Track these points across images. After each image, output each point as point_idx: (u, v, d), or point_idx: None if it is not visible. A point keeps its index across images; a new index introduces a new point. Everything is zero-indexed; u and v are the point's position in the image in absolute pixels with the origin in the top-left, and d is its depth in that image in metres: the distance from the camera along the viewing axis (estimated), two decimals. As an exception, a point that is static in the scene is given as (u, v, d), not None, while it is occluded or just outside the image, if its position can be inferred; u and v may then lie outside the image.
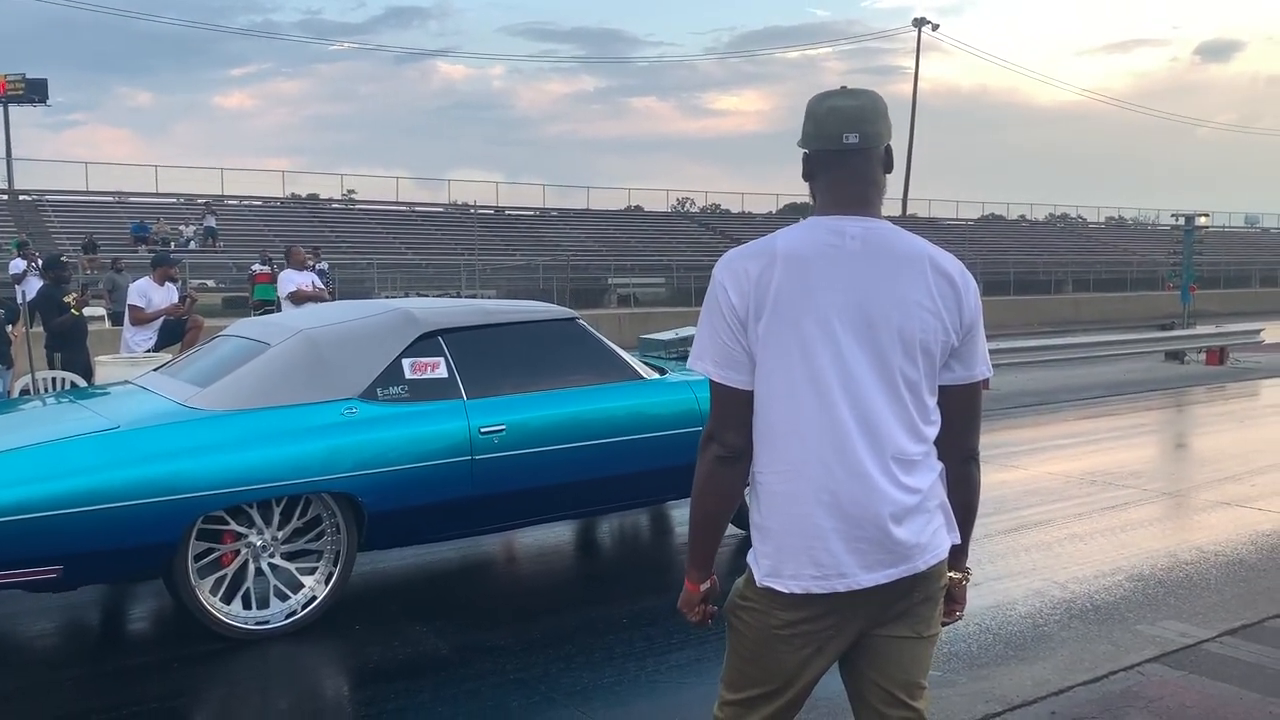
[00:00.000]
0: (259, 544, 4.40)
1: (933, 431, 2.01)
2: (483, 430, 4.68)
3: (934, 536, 2.00)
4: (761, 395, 1.98)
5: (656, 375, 5.34)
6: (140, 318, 9.18)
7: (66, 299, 9.10)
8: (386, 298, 10.48)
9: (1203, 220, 19.47)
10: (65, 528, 3.86)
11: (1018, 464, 8.16)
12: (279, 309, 11.22)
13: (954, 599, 2.20)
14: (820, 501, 1.94)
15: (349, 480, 4.38)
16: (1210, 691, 3.86)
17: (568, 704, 3.77)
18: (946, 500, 2.06)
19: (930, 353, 1.96)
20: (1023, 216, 56.37)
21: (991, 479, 7.54)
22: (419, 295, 29.78)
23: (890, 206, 51.39)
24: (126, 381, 5.46)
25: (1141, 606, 4.81)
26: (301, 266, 11.11)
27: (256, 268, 21.63)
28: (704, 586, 2.12)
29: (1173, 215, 20.81)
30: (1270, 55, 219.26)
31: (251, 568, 4.40)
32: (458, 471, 4.61)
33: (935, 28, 51.86)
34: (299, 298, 10.59)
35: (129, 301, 9.31)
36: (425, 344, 4.78)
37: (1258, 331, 16.52)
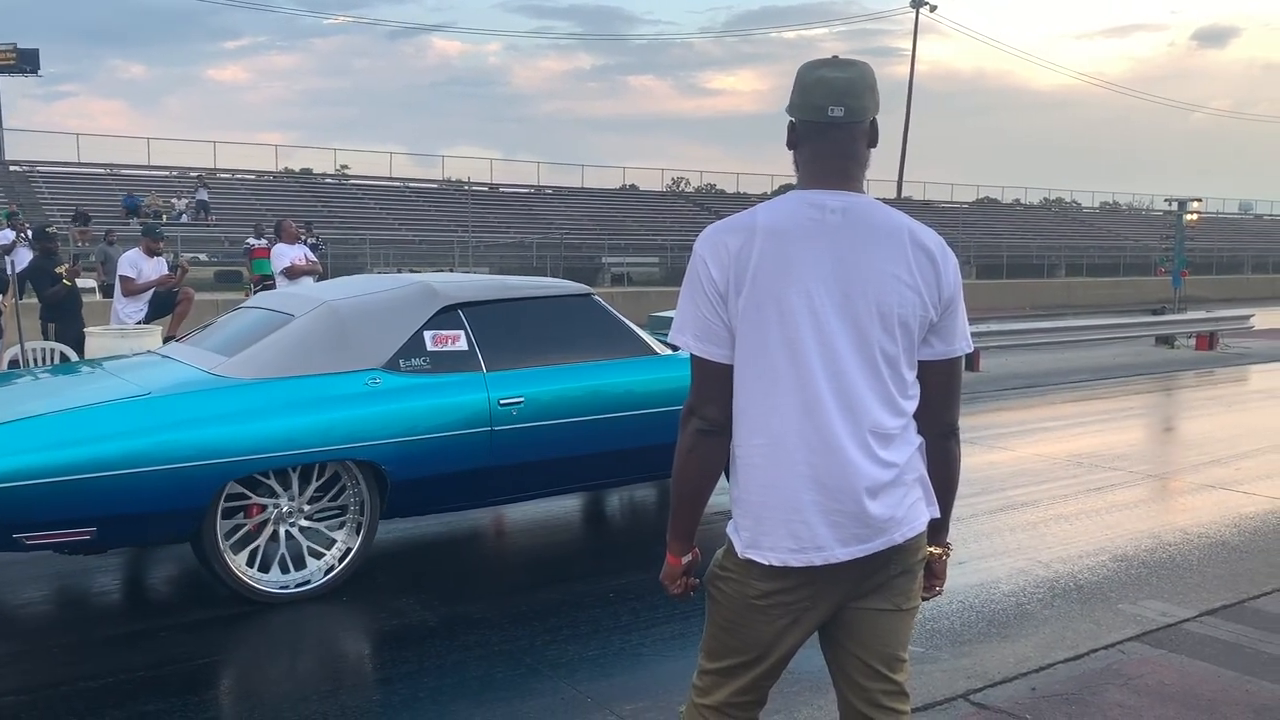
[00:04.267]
0: (284, 510, 4.50)
1: (911, 406, 2.02)
2: (502, 402, 4.78)
3: (911, 510, 2.02)
4: (741, 369, 1.99)
5: (670, 351, 5.36)
6: (131, 289, 9.16)
7: (59, 269, 9.08)
8: (379, 274, 10.51)
9: (1195, 206, 19.48)
10: (99, 491, 3.96)
11: (1006, 445, 8.20)
12: (275, 284, 11.21)
13: (934, 574, 2.22)
14: (798, 475, 1.95)
15: (373, 449, 4.49)
16: (1189, 670, 3.91)
17: (552, 675, 3.80)
18: (925, 474, 2.07)
19: (909, 327, 1.97)
20: (1017, 200, 56.36)
21: (979, 460, 7.58)
22: (412, 271, 29.74)
23: (885, 188, 51.41)
24: (149, 351, 5.52)
25: (1124, 586, 4.86)
26: (293, 240, 11.08)
27: (252, 242, 21.52)
28: (686, 559, 2.14)
29: (1166, 200, 20.86)
30: (1267, 42, 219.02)
31: (280, 532, 4.50)
32: (477, 442, 4.72)
33: (933, 9, 51.67)
34: (293, 272, 10.58)
35: (120, 273, 9.29)
36: (446, 317, 4.89)
37: (1248, 317, 16.58)
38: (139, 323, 9.04)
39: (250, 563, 4.43)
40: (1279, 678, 3.84)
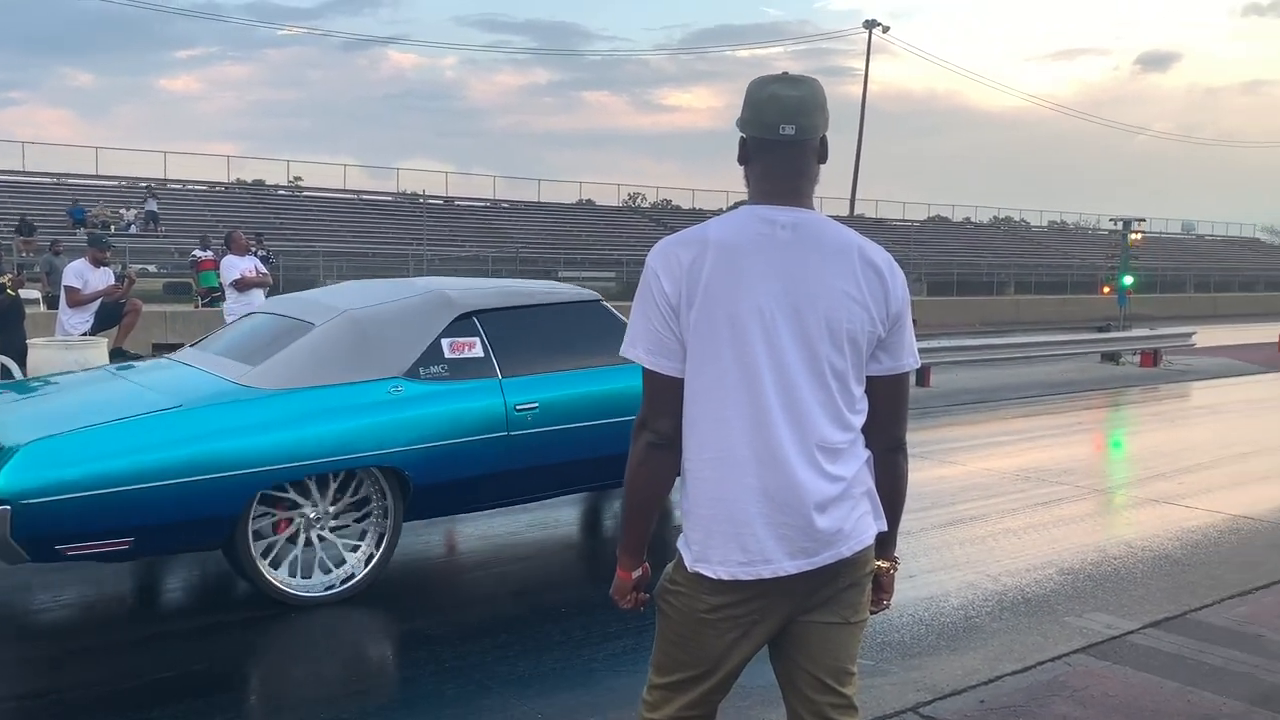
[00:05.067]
0: (312, 516, 4.58)
1: (859, 420, 2.04)
2: (517, 407, 4.89)
3: (859, 523, 2.03)
4: (692, 382, 1.99)
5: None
6: (77, 299, 8.99)
7: (1, 280, 8.88)
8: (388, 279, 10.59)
9: (1139, 226, 19.89)
10: (137, 502, 4.04)
11: (956, 460, 8.30)
12: (224, 296, 11.04)
13: (881, 587, 2.24)
14: (747, 488, 1.96)
15: (396, 455, 4.60)
16: (1132, 681, 3.97)
17: (503, 691, 3.76)
18: (873, 488, 2.09)
19: (857, 343, 1.99)
20: (968, 219, 57.27)
21: (930, 474, 7.66)
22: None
23: (838, 206, 51.94)
24: (165, 357, 5.64)
25: (1070, 599, 4.93)
26: (243, 252, 10.93)
27: (199, 253, 21.19)
28: (636, 574, 2.14)
29: (1111, 220, 21.31)
30: (1206, 67, 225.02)
31: (313, 538, 4.61)
32: (495, 446, 4.84)
33: (886, 30, 52.48)
34: (244, 284, 10.43)
35: (65, 283, 9.11)
36: (462, 324, 4.99)
37: (1190, 335, 16.95)
38: (84, 334, 8.86)
39: (277, 567, 4.51)
40: (1219, 688, 3.91)
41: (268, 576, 4.44)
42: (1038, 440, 9.48)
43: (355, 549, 4.69)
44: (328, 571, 4.63)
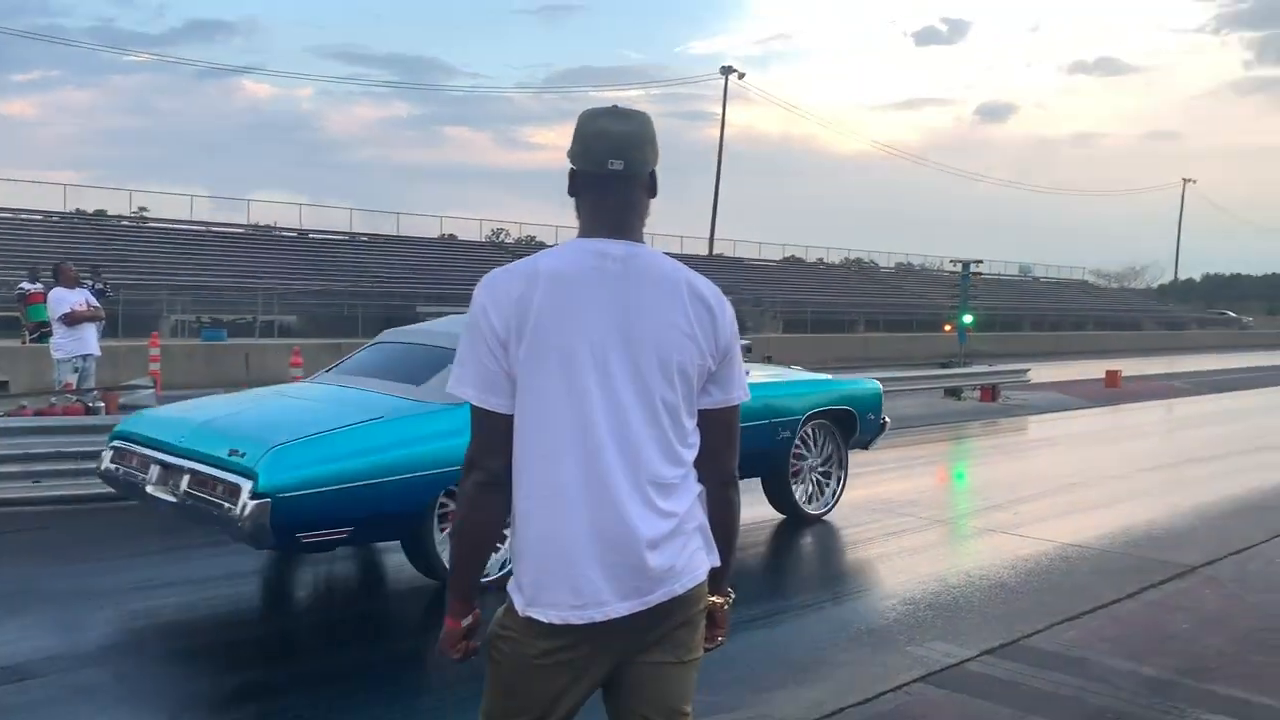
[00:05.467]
0: None
1: (690, 454, 2.03)
2: None
3: (691, 559, 2.02)
4: (522, 419, 1.95)
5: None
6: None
7: None
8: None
9: (978, 267, 20.92)
10: (361, 497, 4.74)
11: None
12: (53, 331, 10.39)
13: (716, 623, 2.22)
14: (579, 527, 1.92)
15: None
16: (969, 709, 4.08)
17: None
18: (705, 523, 2.08)
19: (688, 376, 1.99)
20: (821, 259, 59.10)
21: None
22: (213, 320, 28.38)
23: (697, 245, 52.80)
24: (308, 382, 6.34)
25: (912, 628, 5.06)
26: (73, 285, 10.34)
27: (27, 286, 19.90)
28: (466, 621, 2.06)
29: (951, 261, 22.32)
30: (1040, 119, 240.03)
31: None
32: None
33: (741, 76, 53.84)
34: (74, 318, 9.88)
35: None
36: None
37: (1025, 371, 17.88)
38: None
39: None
40: (1050, 713, 4.06)
41: (432, 558, 5.15)
42: (886, 473, 9.78)
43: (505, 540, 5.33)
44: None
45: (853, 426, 7.55)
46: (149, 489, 5.10)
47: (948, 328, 22.57)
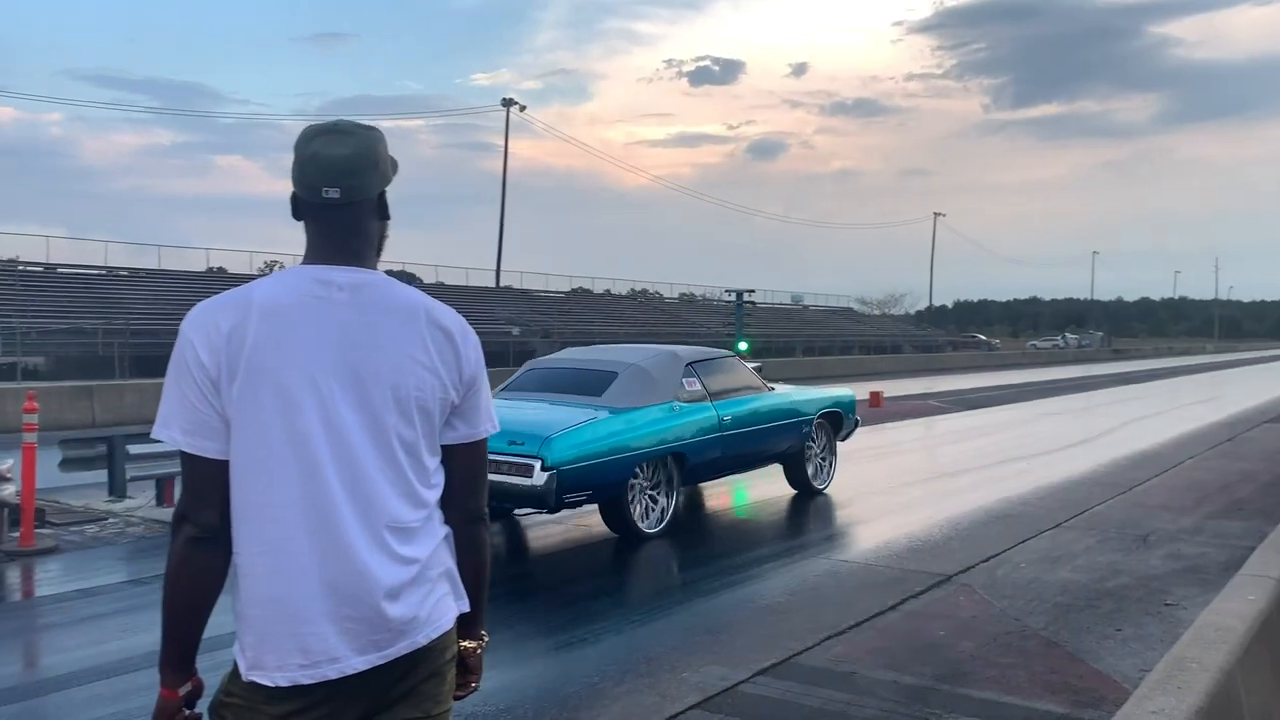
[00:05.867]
0: (643, 483, 7.62)
1: (433, 495, 1.91)
2: (722, 418, 8.31)
3: (436, 608, 1.89)
4: (238, 464, 1.78)
5: (771, 388, 9.50)
6: None
7: None
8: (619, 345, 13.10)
9: (751, 297, 21.77)
10: (597, 471, 6.99)
11: (585, 521, 8.43)
12: None
13: (469, 669, 2.10)
14: (307, 581, 1.77)
15: (679, 445, 7.89)
16: (742, 730, 4.12)
17: None
18: (453, 567, 1.96)
19: (428, 411, 1.87)
20: (608, 290, 59.96)
21: (561, 537, 7.72)
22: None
23: (483, 277, 52.29)
24: (520, 401, 7.92)
25: (688, 654, 5.08)
26: None
27: None
28: (184, 690, 1.85)
29: (726, 291, 23.12)
30: (805, 157, 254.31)
31: (644, 498, 7.66)
32: (715, 439, 8.24)
33: (523, 109, 53.94)
34: None
35: None
36: (688, 369, 8.42)
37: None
38: None
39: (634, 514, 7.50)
40: (817, 727, 4.16)
41: (635, 520, 7.46)
42: (666, 500, 9.88)
43: (659, 503, 7.77)
44: (650, 515, 7.67)
45: (840, 424, 10.30)
46: None
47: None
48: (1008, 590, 6.40)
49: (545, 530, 8.16)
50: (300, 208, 1.88)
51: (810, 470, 9.75)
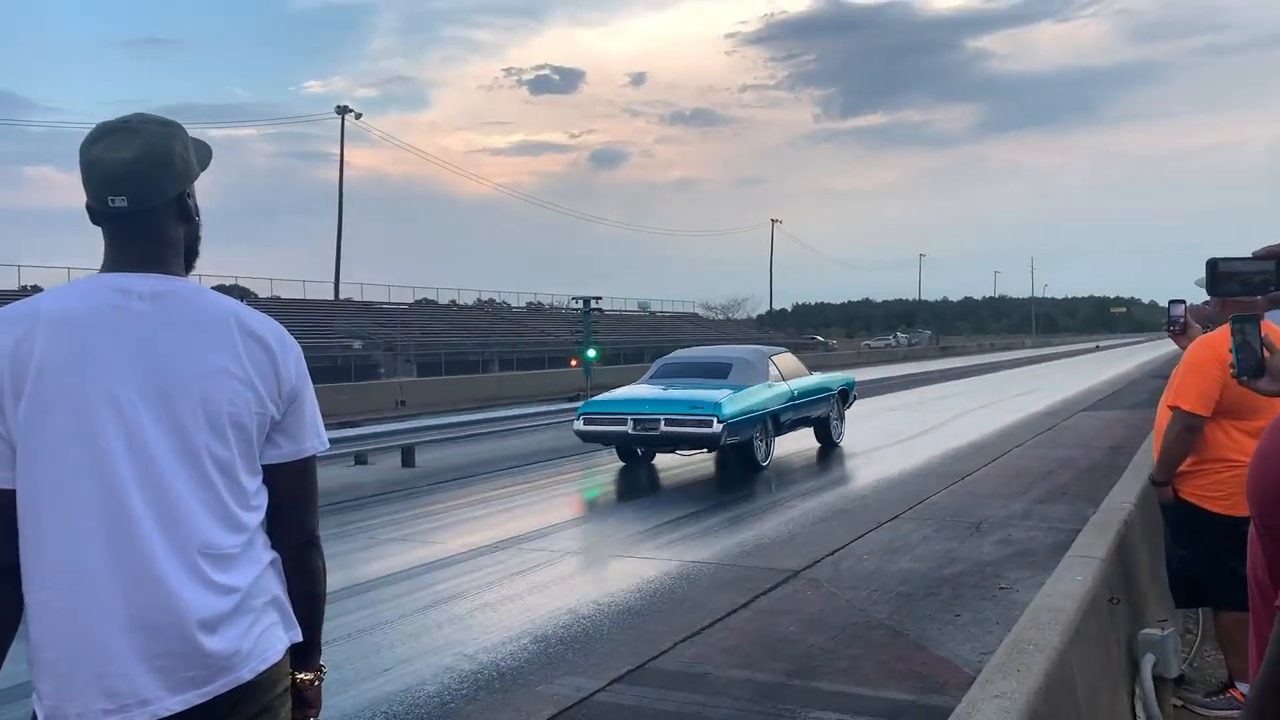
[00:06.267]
0: (758, 433, 11.83)
1: (254, 518, 1.77)
2: (793, 392, 12.44)
3: (262, 639, 1.75)
4: (27, 492, 1.60)
5: (813, 374, 13.83)
6: None
7: None
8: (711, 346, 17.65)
9: (598, 304, 21.84)
10: (742, 423, 11.21)
11: (436, 539, 8.23)
12: None
13: (306, 702, 1.96)
14: (109, 616, 1.60)
15: (776, 410, 11.99)
16: (599, 741, 4.06)
17: None
18: (282, 594, 1.82)
19: (244, 427, 1.73)
20: (453, 301, 59.07)
21: (409, 557, 7.51)
22: None
23: (322, 290, 50.51)
24: (651, 383, 12.63)
25: (544, 667, 4.99)
26: None
27: None
28: None
29: (573, 299, 23.12)
30: (647, 165, 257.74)
31: (762, 444, 11.93)
32: (789, 406, 12.35)
33: (359, 116, 52.64)
34: None
35: None
36: (770, 360, 12.82)
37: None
38: None
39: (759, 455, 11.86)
40: (674, 731, 4.14)
41: (756, 458, 11.68)
42: (517, 510, 9.75)
43: (765, 447, 12.01)
44: (759, 454, 11.80)
45: (847, 398, 14.56)
46: (629, 430, 11.37)
47: (574, 362, 23.27)
48: (852, 582, 6.56)
49: (387, 549, 7.91)
50: (93, 215, 1.72)
51: (831, 429, 13.96)
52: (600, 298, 21.92)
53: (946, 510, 9.14)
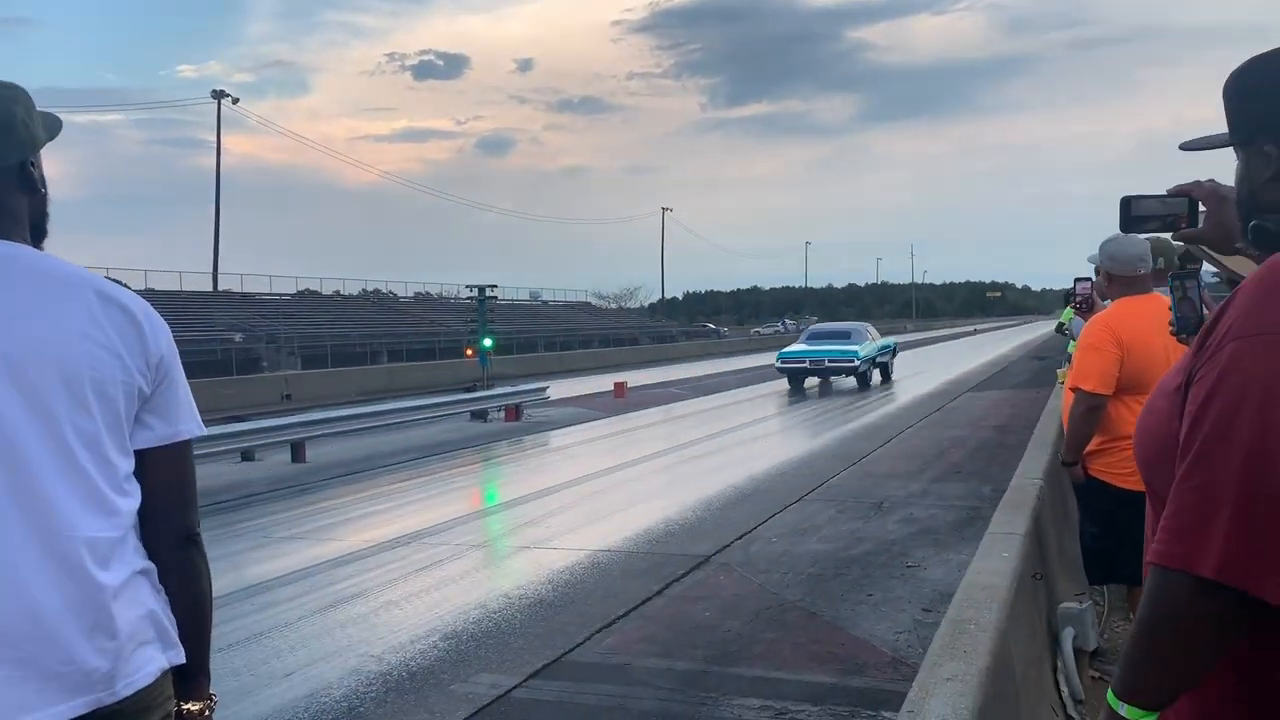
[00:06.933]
0: (871, 368, 23.91)
1: (128, 505, 1.55)
2: (880, 348, 24.50)
3: (135, 656, 1.52)
4: None
5: (886, 337, 26.63)
6: None
7: None
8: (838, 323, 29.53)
9: (493, 293, 21.48)
10: (869, 364, 23.40)
11: (333, 536, 7.92)
12: None
13: None
14: None
15: (874, 355, 23.77)
16: (519, 739, 3.91)
17: None
18: (159, 608, 1.58)
19: (109, 396, 1.52)
20: (337, 292, 57.48)
21: (305, 555, 7.19)
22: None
23: (200, 281, 48.65)
24: (806, 344, 23.86)
25: (456, 665, 4.80)
26: None
27: None
28: None
29: (466, 288, 22.68)
30: (535, 153, 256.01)
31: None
32: (877, 355, 24.14)
33: (236, 101, 50.57)
34: None
35: None
36: (867, 327, 25.31)
37: (544, 389, 18.59)
38: None
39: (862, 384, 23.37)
40: (596, 726, 4.01)
41: (869, 382, 23.24)
42: (416, 504, 9.48)
43: (873, 378, 23.97)
44: (870, 381, 23.62)
45: (895, 352, 26.00)
46: (807, 365, 22.21)
47: (469, 352, 22.86)
48: (763, 565, 6.54)
49: (282, 548, 7.57)
50: None
51: (890, 370, 24.53)
52: (496, 286, 21.56)
53: (848, 491, 9.23)
